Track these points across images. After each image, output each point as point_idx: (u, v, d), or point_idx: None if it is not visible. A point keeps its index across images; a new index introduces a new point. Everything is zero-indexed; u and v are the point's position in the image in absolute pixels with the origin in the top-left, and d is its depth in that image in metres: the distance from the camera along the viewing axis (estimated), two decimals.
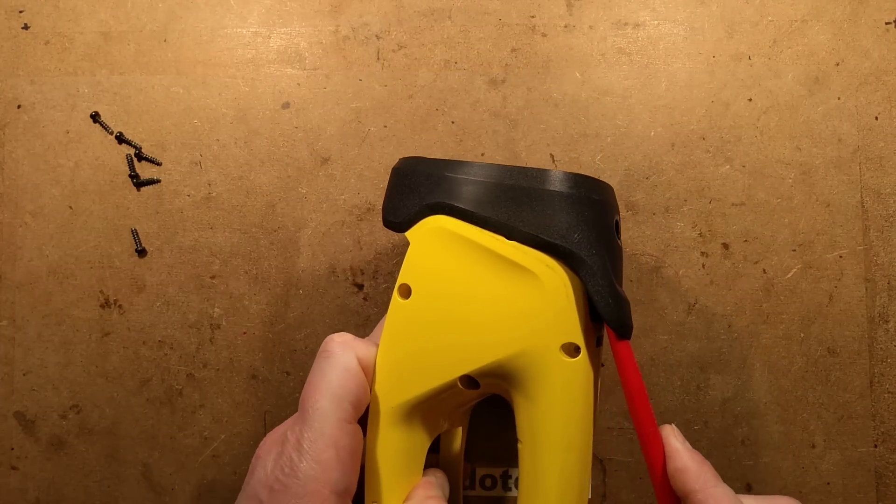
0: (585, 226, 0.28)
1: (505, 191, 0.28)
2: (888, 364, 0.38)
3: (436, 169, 0.30)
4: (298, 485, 0.26)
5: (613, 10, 0.40)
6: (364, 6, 0.41)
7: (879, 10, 0.39)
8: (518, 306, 0.28)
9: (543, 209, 0.28)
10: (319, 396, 0.28)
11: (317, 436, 0.27)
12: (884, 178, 0.39)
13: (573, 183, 0.28)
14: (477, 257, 0.28)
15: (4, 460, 0.39)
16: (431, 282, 0.29)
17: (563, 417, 0.28)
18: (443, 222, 0.29)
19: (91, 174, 0.40)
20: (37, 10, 0.41)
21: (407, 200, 0.30)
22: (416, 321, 0.29)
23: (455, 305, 0.29)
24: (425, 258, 0.29)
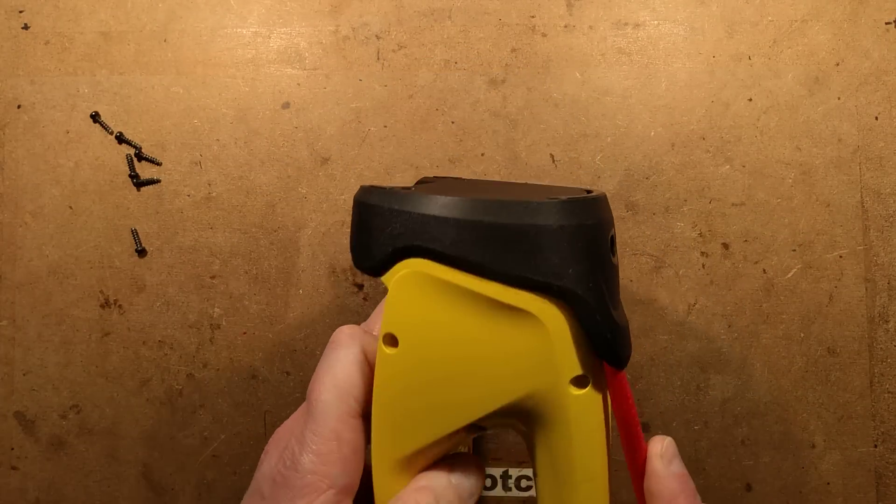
0: (579, 258, 0.25)
1: (486, 230, 0.25)
2: (888, 364, 0.38)
3: (403, 204, 0.26)
4: (298, 477, 0.26)
5: (613, 10, 0.40)
6: (364, 6, 0.41)
7: (879, 10, 0.39)
8: (518, 348, 0.26)
9: (531, 248, 0.25)
10: (323, 389, 0.27)
11: (319, 428, 0.26)
12: (884, 178, 0.39)
13: (563, 214, 0.25)
14: (464, 301, 0.26)
15: (4, 460, 0.39)
16: (418, 330, 0.26)
17: (581, 449, 0.26)
18: (420, 266, 0.26)
19: (91, 174, 0.40)
20: (37, 10, 0.41)
21: (375, 242, 0.26)
22: (410, 373, 0.27)
23: (449, 354, 0.26)
24: (407, 305, 0.26)
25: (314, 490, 0.26)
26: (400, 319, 0.26)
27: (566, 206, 0.25)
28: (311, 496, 0.25)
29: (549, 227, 0.25)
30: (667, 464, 0.27)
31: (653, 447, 0.27)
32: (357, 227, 0.28)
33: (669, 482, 0.26)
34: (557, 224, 0.25)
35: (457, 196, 0.26)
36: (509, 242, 0.25)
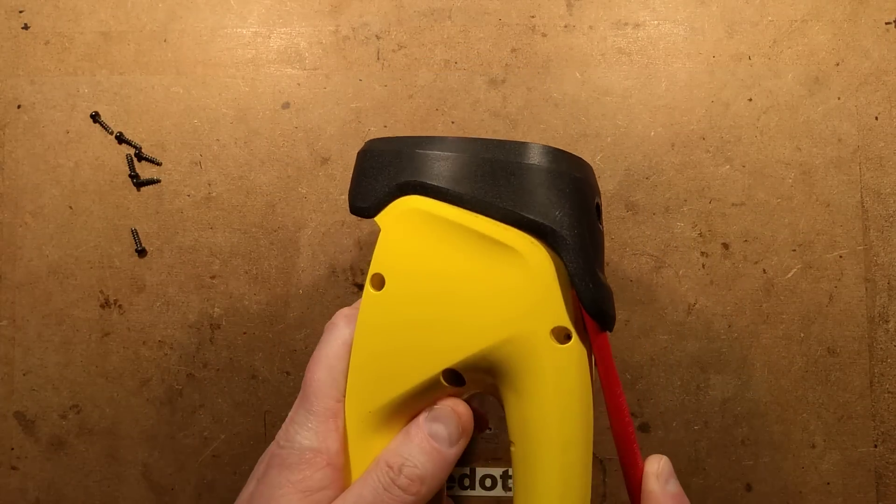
0: (566, 203, 0.25)
1: (480, 165, 0.26)
2: (888, 364, 0.38)
3: (405, 146, 0.27)
4: (295, 454, 0.25)
5: (613, 10, 0.40)
6: (364, 6, 0.41)
7: (879, 10, 0.39)
8: (502, 288, 0.25)
9: (522, 184, 0.25)
10: (318, 368, 0.27)
11: (314, 406, 0.26)
12: (884, 178, 0.39)
13: (553, 157, 0.26)
14: (455, 238, 0.26)
15: (4, 460, 0.39)
16: (407, 269, 0.26)
17: (558, 412, 0.25)
18: (416, 203, 0.26)
19: (91, 174, 0.40)
20: (37, 10, 0.41)
21: (375, 182, 0.27)
22: (392, 313, 0.26)
23: (434, 293, 0.26)
24: (399, 243, 0.26)
25: (311, 465, 0.25)
26: (389, 259, 0.26)
27: (557, 153, 0.26)
28: (307, 471, 0.25)
29: (540, 167, 0.26)
30: (663, 484, 0.26)
31: (649, 466, 0.26)
32: (358, 173, 0.28)
33: (665, 502, 0.26)
34: (548, 166, 0.26)
35: (454, 136, 0.26)
36: (502, 179, 0.25)
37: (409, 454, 0.26)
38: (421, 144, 0.27)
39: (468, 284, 0.26)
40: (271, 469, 0.26)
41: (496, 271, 0.25)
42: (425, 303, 0.26)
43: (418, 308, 0.26)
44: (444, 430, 0.27)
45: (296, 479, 0.25)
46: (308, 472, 0.25)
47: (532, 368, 0.25)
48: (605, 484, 0.38)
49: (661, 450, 0.38)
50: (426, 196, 0.26)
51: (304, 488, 0.25)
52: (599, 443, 0.38)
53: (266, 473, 0.26)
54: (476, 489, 0.38)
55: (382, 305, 0.26)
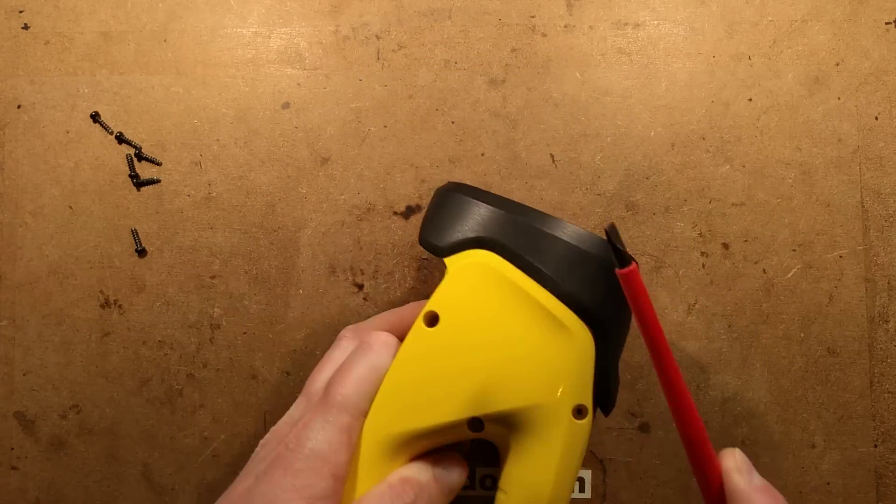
0: (620, 303, 0.27)
1: (558, 245, 0.28)
2: (888, 364, 0.38)
3: (492, 203, 0.29)
4: (301, 459, 0.26)
5: (613, 10, 0.40)
6: (364, 6, 0.41)
7: (879, 10, 0.39)
8: (544, 357, 0.27)
9: (585, 274, 0.28)
10: (348, 384, 0.28)
11: (334, 419, 0.27)
12: (884, 178, 0.39)
13: (622, 260, 0.27)
14: (516, 300, 0.28)
15: (4, 460, 0.39)
16: (463, 314, 0.28)
17: (557, 475, 0.28)
18: (489, 259, 0.28)
19: (91, 174, 0.40)
20: (37, 10, 0.41)
21: (455, 225, 0.29)
22: (438, 353, 0.28)
23: (482, 343, 0.28)
24: (462, 290, 0.28)
25: (318, 474, 0.25)
26: (448, 301, 0.28)
27: (626, 256, 0.27)
28: (314, 479, 0.25)
29: (607, 264, 0.27)
30: (748, 478, 0.25)
31: (726, 462, 0.26)
32: (439, 209, 0.30)
33: (757, 497, 0.25)
34: (609, 264, 0.27)
35: (539, 210, 0.29)
36: (573, 263, 0.28)
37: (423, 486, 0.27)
38: (509, 207, 0.29)
39: (515, 345, 0.28)
40: (275, 469, 0.26)
41: (542, 340, 0.28)
42: (472, 350, 0.28)
43: (464, 353, 0.28)
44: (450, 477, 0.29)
45: (301, 485, 0.25)
46: (314, 480, 0.25)
47: (548, 434, 0.28)
48: (604, 484, 0.38)
49: (661, 450, 0.38)
50: (501, 256, 0.28)
51: (308, 495, 0.25)
52: (600, 443, 0.38)
53: (269, 473, 0.26)
54: (476, 489, 0.38)
55: (431, 343, 0.28)
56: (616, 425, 0.38)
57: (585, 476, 0.38)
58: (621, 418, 0.38)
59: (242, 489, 0.27)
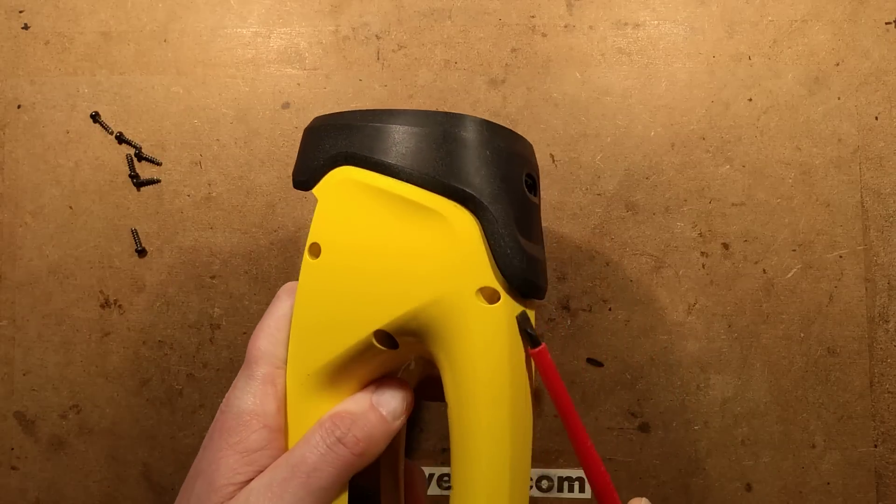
0: (488, 172, 0.27)
1: (410, 136, 0.27)
2: (888, 364, 0.38)
3: (340, 120, 0.28)
4: (232, 417, 0.26)
5: (613, 10, 0.40)
6: (364, 6, 0.41)
7: (879, 10, 0.39)
8: (429, 252, 0.26)
9: (448, 154, 0.27)
10: (261, 336, 0.28)
11: (254, 373, 0.27)
12: (884, 178, 0.39)
13: (479, 129, 0.27)
14: (385, 205, 0.27)
15: (4, 460, 0.39)
16: (341, 236, 0.27)
17: (486, 369, 0.26)
18: (349, 173, 0.28)
19: (91, 174, 0.40)
20: (37, 10, 0.41)
21: (312, 156, 0.29)
22: (328, 280, 0.27)
23: (366, 258, 0.27)
24: (334, 212, 0.28)
25: (247, 427, 0.26)
26: (325, 228, 0.28)
27: (486, 125, 0.27)
28: (244, 433, 0.26)
29: (466, 138, 0.27)
30: None
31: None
32: (301, 149, 0.30)
33: None
34: (472, 136, 0.27)
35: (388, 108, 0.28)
36: (429, 149, 0.27)
37: (357, 416, 0.27)
38: (355, 117, 0.28)
39: (397, 249, 0.27)
40: (213, 433, 0.27)
41: (423, 236, 0.27)
42: (358, 268, 0.27)
43: (352, 273, 0.27)
44: (390, 402, 0.28)
45: (234, 441, 0.26)
46: (245, 434, 0.26)
47: (460, 328, 0.26)
48: None
49: (661, 450, 0.38)
50: (358, 166, 0.27)
51: (242, 449, 0.26)
52: (600, 442, 0.38)
53: (210, 438, 0.27)
54: None
55: (319, 273, 0.28)
56: (616, 425, 0.38)
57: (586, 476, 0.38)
58: (621, 418, 0.38)
59: (195, 463, 0.28)
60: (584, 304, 0.39)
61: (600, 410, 0.39)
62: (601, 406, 0.39)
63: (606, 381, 0.38)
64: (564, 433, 0.38)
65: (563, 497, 0.38)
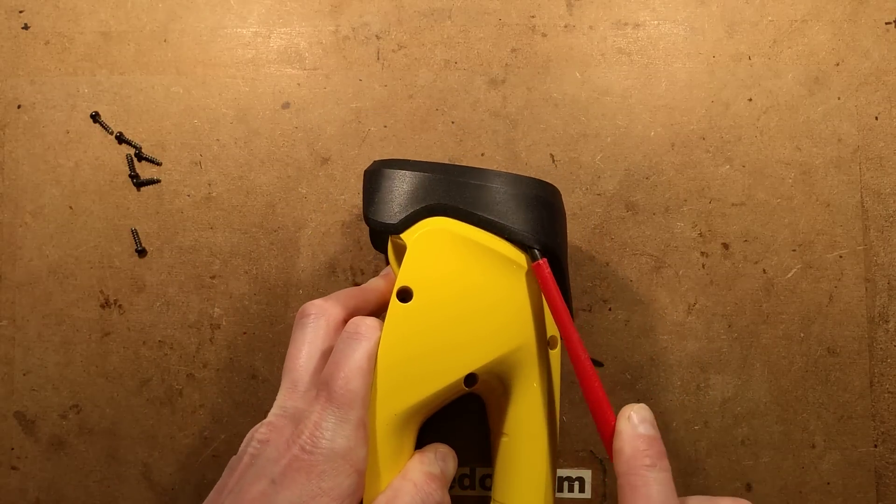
0: (556, 226, 0.31)
1: (497, 193, 0.30)
2: (888, 364, 0.38)
3: (427, 170, 0.31)
4: (322, 461, 0.26)
5: (613, 10, 0.40)
6: (364, 6, 0.41)
7: (879, 10, 0.39)
8: (513, 301, 0.29)
9: (521, 210, 0.30)
10: (352, 377, 0.27)
11: (347, 415, 0.27)
12: (884, 178, 0.39)
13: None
14: (475, 255, 0.29)
15: (4, 460, 0.39)
16: (433, 283, 0.29)
17: (548, 409, 0.30)
18: (444, 224, 0.30)
19: (91, 174, 0.40)
20: (37, 10, 0.41)
21: (400, 200, 0.30)
22: (418, 324, 0.29)
23: (458, 304, 0.29)
24: (426, 259, 0.29)
25: (342, 473, 0.26)
26: (416, 273, 0.29)
27: (540, 184, 0.31)
28: (339, 478, 0.26)
29: (530, 197, 0.30)
30: (634, 425, 0.27)
31: (623, 410, 0.28)
32: (376, 188, 0.31)
33: (634, 441, 0.27)
34: (535, 195, 0.31)
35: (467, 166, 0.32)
36: (503, 204, 0.30)
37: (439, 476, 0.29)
38: (442, 170, 0.31)
39: (486, 297, 0.29)
40: (296, 473, 0.26)
41: (508, 285, 0.30)
42: (449, 314, 0.29)
43: (444, 317, 0.29)
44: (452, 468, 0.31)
45: (327, 487, 0.25)
46: (339, 480, 0.26)
47: (531, 371, 0.30)
48: (605, 484, 0.38)
49: None
50: (456, 219, 0.30)
51: (336, 496, 0.25)
52: (600, 442, 0.38)
53: (289, 476, 0.26)
54: (476, 489, 0.38)
55: (409, 316, 0.29)
56: None
57: (585, 476, 0.38)
58: None
59: (257, 493, 0.26)
60: (584, 304, 0.39)
61: None
62: None
63: (606, 381, 0.38)
64: (564, 433, 0.38)
65: (563, 497, 0.38)
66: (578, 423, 0.38)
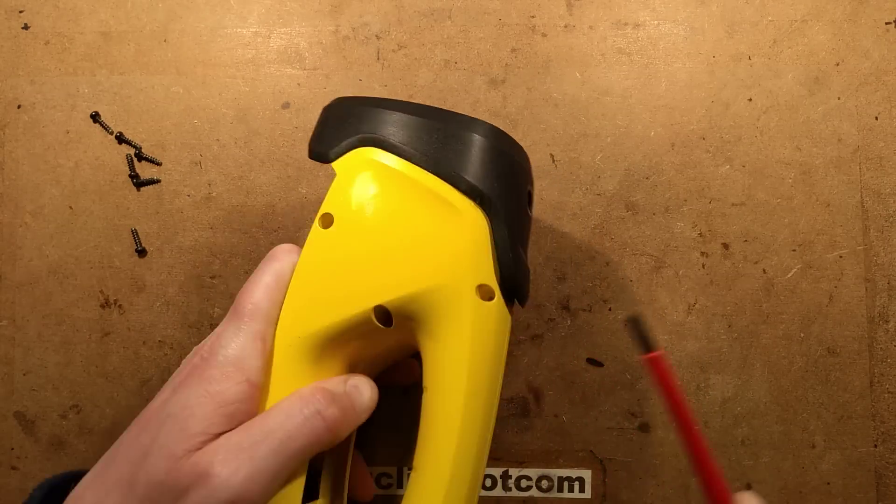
0: (502, 178, 0.29)
1: (434, 130, 0.29)
2: (888, 364, 0.38)
3: (370, 104, 0.30)
4: (214, 366, 0.26)
5: (613, 10, 0.40)
6: (364, 6, 0.41)
7: (879, 10, 0.39)
8: (439, 240, 0.28)
9: (468, 154, 0.29)
10: (256, 291, 0.28)
11: (245, 326, 0.27)
12: (884, 178, 0.39)
13: (496, 137, 0.29)
14: (404, 190, 0.28)
15: (4, 460, 0.39)
16: (356, 212, 0.28)
17: (471, 361, 0.27)
18: (373, 154, 0.29)
19: (91, 174, 0.40)
20: (37, 10, 0.41)
21: (337, 132, 0.30)
22: (336, 250, 0.28)
23: (377, 235, 0.28)
24: (351, 188, 0.29)
25: (230, 379, 0.26)
26: (341, 201, 0.29)
27: (502, 135, 0.30)
28: (225, 384, 0.26)
29: (485, 143, 0.29)
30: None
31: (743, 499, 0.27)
32: (321, 123, 0.31)
33: None
34: (493, 144, 0.29)
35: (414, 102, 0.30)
36: (452, 146, 0.29)
37: (337, 395, 0.27)
38: (384, 104, 0.30)
39: (410, 232, 0.28)
40: (190, 378, 0.26)
41: (436, 224, 0.28)
42: (368, 244, 0.28)
43: (360, 248, 0.28)
44: (364, 391, 0.29)
45: (213, 391, 0.26)
46: (226, 385, 0.26)
47: (453, 318, 0.28)
48: (604, 484, 0.38)
49: (661, 450, 0.38)
50: (385, 150, 0.29)
51: (220, 400, 0.25)
52: (600, 442, 0.38)
53: (184, 382, 0.26)
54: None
55: (328, 242, 0.29)
56: (616, 425, 0.38)
57: (585, 476, 0.38)
58: (621, 418, 0.38)
59: (160, 401, 0.27)
60: (584, 304, 0.39)
61: (600, 410, 0.39)
62: (601, 406, 0.39)
63: (606, 381, 0.38)
64: (564, 433, 0.38)
65: (563, 497, 0.38)
66: (578, 423, 0.38)
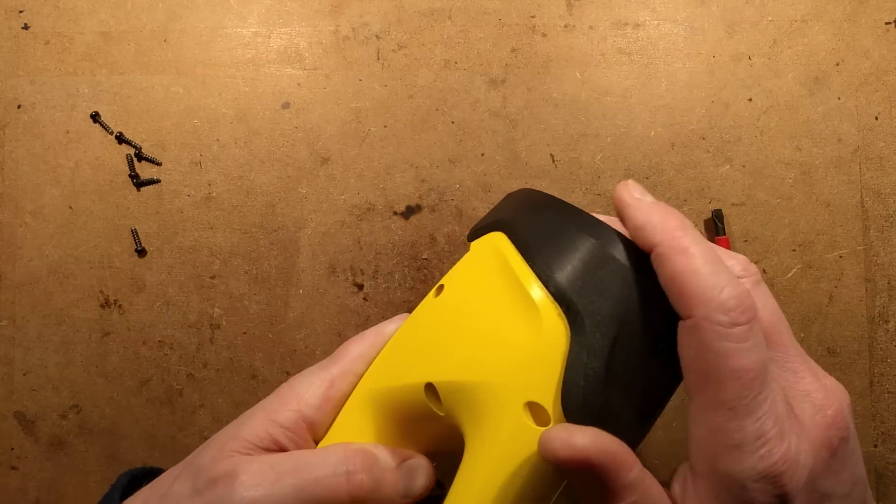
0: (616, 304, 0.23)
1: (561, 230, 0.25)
2: (888, 364, 0.38)
3: (529, 197, 0.29)
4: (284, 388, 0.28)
5: (613, 10, 0.40)
6: (364, 6, 0.41)
7: (879, 10, 0.39)
8: (507, 337, 0.25)
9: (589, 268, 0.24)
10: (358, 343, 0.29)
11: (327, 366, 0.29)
12: (884, 178, 0.39)
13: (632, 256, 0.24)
14: (506, 282, 0.26)
15: (4, 460, 0.39)
16: (457, 289, 0.29)
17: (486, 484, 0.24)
18: (497, 240, 0.28)
19: (91, 174, 0.40)
20: (37, 10, 0.41)
21: (490, 215, 0.30)
22: (432, 320, 0.29)
23: (459, 317, 0.28)
24: (468, 267, 0.29)
25: (282, 403, 0.27)
26: (456, 276, 0.29)
27: (640, 255, 0.24)
28: (277, 406, 0.27)
29: (595, 245, 0.24)
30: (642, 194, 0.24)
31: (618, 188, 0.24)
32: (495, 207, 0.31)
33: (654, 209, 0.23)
34: (607, 252, 0.24)
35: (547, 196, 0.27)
36: (575, 254, 0.24)
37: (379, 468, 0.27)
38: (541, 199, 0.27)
39: (485, 321, 0.26)
40: (272, 394, 0.28)
41: (511, 319, 0.25)
42: (450, 322, 0.28)
43: (443, 324, 0.28)
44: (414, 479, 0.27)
45: (269, 409, 0.27)
46: (278, 406, 0.27)
47: (490, 426, 0.24)
48: None
49: (662, 450, 0.38)
50: (510, 239, 0.27)
51: (272, 418, 0.27)
52: None
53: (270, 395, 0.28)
54: None
55: (429, 311, 0.29)
56: None
57: None
58: None
59: None
60: None
61: None
62: None
63: None
64: None
65: None
66: None
